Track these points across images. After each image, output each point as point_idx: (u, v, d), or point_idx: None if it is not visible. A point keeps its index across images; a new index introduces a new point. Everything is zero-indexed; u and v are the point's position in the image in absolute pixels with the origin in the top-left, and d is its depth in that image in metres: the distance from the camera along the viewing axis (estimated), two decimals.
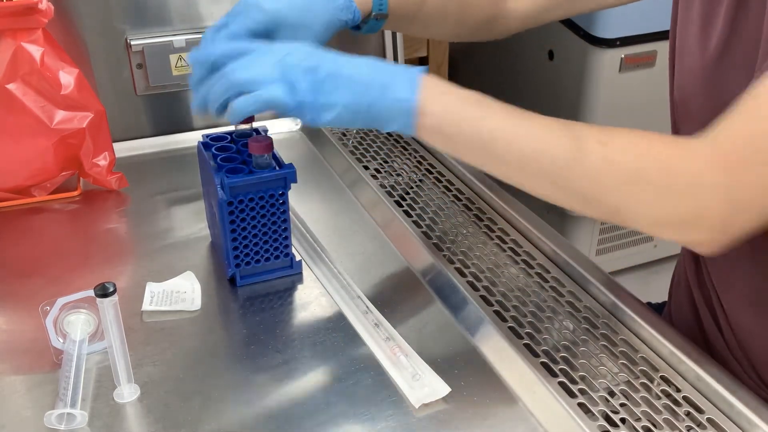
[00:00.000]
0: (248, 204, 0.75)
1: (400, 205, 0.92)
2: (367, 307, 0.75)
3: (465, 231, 0.88)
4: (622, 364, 0.67)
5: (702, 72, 0.68)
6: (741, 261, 0.71)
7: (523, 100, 1.92)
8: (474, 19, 0.83)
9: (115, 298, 0.62)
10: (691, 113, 0.72)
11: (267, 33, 0.69)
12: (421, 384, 0.65)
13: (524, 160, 0.59)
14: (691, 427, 0.60)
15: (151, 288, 0.78)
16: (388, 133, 1.10)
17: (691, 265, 0.80)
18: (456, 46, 2.03)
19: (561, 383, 0.65)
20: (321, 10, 0.71)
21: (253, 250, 0.77)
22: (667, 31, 0.79)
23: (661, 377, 0.66)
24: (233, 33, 0.68)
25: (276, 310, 0.75)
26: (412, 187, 0.97)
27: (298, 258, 0.81)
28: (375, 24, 0.78)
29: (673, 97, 0.76)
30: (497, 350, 0.69)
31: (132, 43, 1.06)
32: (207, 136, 0.82)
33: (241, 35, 0.68)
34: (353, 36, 0.79)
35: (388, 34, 1.21)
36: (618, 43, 1.60)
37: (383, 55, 1.22)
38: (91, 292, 0.64)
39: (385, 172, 1.01)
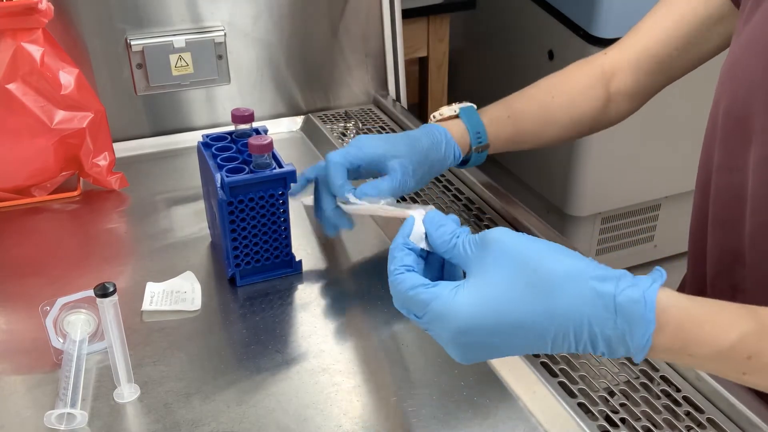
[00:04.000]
0: (248, 204, 0.75)
1: None
2: None
3: None
4: (622, 364, 0.67)
5: None
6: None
7: None
8: (583, 113, 0.84)
9: (115, 298, 0.62)
10: (750, 131, 0.65)
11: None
12: None
13: None
14: (691, 427, 0.60)
15: (151, 288, 0.78)
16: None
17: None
18: (456, 46, 2.03)
19: (561, 383, 0.65)
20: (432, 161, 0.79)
21: (253, 250, 0.77)
22: None
23: (661, 377, 0.66)
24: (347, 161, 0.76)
25: (276, 310, 0.75)
26: None
27: (298, 258, 0.81)
28: (478, 156, 0.81)
29: (720, 108, 0.70)
30: None
31: (132, 43, 1.06)
32: (207, 136, 0.82)
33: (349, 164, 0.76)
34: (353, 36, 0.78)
35: (387, 34, 1.21)
36: None
37: (383, 55, 1.22)
38: (91, 292, 0.64)
39: None
